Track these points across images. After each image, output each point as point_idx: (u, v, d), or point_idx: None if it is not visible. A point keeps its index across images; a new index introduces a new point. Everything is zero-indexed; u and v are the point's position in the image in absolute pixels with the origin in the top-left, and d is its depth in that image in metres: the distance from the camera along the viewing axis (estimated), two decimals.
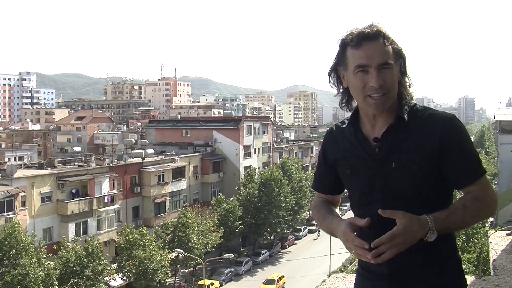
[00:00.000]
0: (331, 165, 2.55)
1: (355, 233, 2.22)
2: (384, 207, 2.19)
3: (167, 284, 48.16)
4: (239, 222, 55.05)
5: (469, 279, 5.65)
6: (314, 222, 74.24)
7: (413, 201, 2.24)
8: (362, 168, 2.37)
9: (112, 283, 41.41)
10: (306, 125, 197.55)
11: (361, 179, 2.38)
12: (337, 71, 2.42)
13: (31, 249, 33.67)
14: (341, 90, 2.47)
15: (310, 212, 74.77)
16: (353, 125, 2.45)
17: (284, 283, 49.61)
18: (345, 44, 2.32)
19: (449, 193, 2.33)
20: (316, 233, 69.13)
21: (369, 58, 2.23)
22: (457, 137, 2.24)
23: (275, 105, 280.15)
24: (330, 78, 2.47)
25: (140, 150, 60.53)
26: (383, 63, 2.23)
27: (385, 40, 2.26)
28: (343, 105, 2.51)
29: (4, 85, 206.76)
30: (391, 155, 2.29)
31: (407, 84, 2.39)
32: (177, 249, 43.44)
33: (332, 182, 2.62)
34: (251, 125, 70.48)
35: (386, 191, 2.29)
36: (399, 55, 2.31)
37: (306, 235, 70.31)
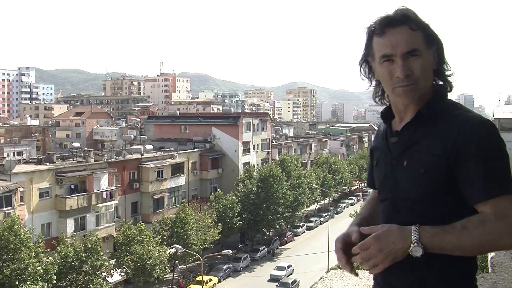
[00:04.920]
0: (372, 157, 2.45)
1: (351, 241, 2.09)
2: (392, 207, 2.13)
3: (165, 280, 48.20)
4: (238, 219, 55.08)
5: None
6: (312, 219, 74.39)
7: (420, 207, 2.04)
8: (382, 162, 2.25)
9: (110, 278, 41.43)
10: (305, 121, 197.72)
11: (381, 173, 2.26)
12: (368, 61, 2.21)
13: (29, 244, 33.70)
14: (373, 83, 2.27)
15: (308, 209, 75.33)
16: (384, 117, 2.30)
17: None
18: (371, 33, 2.13)
19: (466, 206, 1.97)
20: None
21: (394, 46, 2.04)
22: (477, 145, 1.92)
23: (274, 101, 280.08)
24: (361, 69, 2.25)
25: (139, 146, 60.51)
26: (409, 50, 2.03)
27: (412, 25, 2.04)
28: (377, 98, 2.32)
29: (3, 80, 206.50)
30: (405, 152, 2.11)
31: (447, 72, 2.15)
32: (175, 245, 43.49)
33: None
34: (250, 122, 70.48)
35: (396, 190, 2.14)
36: (432, 41, 2.08)
37: (304, 232, 70.36)
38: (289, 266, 52.30)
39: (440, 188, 1.99)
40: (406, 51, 2.02)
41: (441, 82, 2.17)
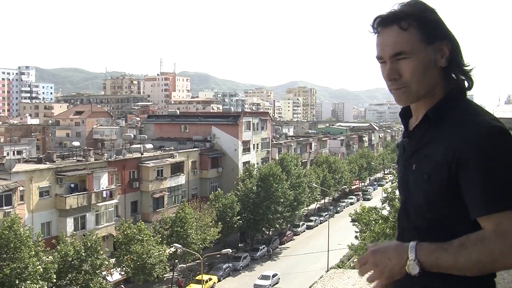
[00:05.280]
0: None
1: None
2: (404, 210, 2.06)
3: (165, 279, 48.21)
4: (237, 218, 55.10)
5: None
6: (312, 218, 74.36)
7: (427, 213, 1.93)
8: (400, 162, 2.14)
9: (109, 278, 41.44)
10: (305, 121, 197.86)
11: (399, 173, 2.15)
12: None
13: (29, 243, 33.71)
14: None
15: (308, 208, 75.24)
16: (402, 116, 2.16)
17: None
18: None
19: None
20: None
21: (383, 49, 1.94)
22: (479, 153, 1.74)
23: (274, 100, 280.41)
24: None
25: (138, 145, 60.48)
26: (396, 53, 1.91)
27: (402, 24, 1.90)
28: None
29: (3, 79, 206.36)
30: (414, 155, 1.98)
31: (465, 68, 1.98)
32: (175, 244, 43.49)
33: None
34: (250, 121, 70.47)
35: (407, 194, 2.04)
36: (433, 37, 1.90)
37: (304, 231, 70.38)
38: (274, 275, 48.98)
39: (444, 196, 1.85)
40: (392, 54, 1.92)
41: (462, 77, 2.00)
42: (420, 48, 1.90)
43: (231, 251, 50.49)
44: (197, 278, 45.50)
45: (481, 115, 1.84)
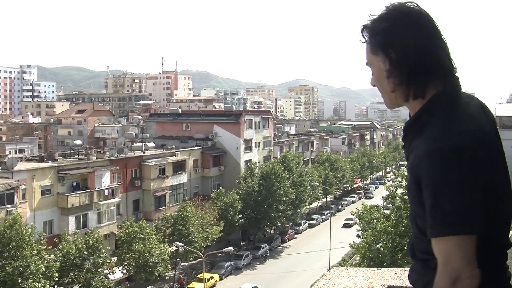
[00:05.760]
0: None
1: None
2: (411, 213, 2.00)
3: (167, 277, 48.30)
4: (239, 216, 55.15)
5: None
6: (313, 217, 74.38)
7: (417, 223, 1.90)
8: None
9: (111, 276, 41.48)
10: (307, 119, 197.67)
11: None
12: None
13: (31, 241, 33.76)
14: None
15: (310, 206, 75.26)
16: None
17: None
18: None
19: None
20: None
21: None
22: (429, 174, 1.72)
23: (275, 99, 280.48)
24: None
25: (140, 144, 60.51)
26: (366, 64, 2.01)
27: (362, 37, 1.97)
28: None
29: (5, 78, 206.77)
30: (407, 163, 1.95)
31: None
32: (177, 243, 43.56)
33: None
34: (251, 119, 70.47)
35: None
36: (376, 48, 1.93)
37: (306, 229, 70.42)
38: None
39: (421, 209, 1.80)
40: (366, 64, 2.02)
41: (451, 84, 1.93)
42: (373, 59, 1.97)
43: (233, 249, 50.52)
44: (199, 276, 45.57)
45: (448, 129, 1.76)
